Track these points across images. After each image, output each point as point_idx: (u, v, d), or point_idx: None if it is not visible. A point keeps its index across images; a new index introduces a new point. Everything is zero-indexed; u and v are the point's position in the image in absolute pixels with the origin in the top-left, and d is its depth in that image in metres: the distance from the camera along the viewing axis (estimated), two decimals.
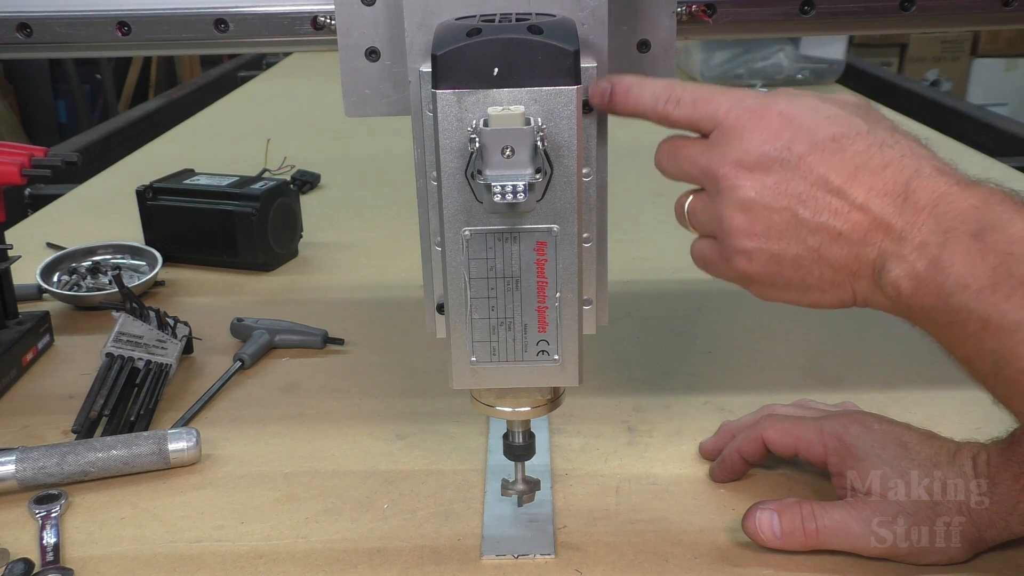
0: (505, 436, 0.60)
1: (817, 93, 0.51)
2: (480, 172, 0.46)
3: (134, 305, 0.82)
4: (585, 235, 0.52)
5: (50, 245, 1.15)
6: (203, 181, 1.13)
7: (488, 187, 0.46)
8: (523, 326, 0.52)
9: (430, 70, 0.47)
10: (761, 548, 0.59)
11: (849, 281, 0.49)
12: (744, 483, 0.66)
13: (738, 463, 0.65)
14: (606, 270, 0.56)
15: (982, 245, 0.45)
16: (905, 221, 0.47)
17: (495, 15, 0.51)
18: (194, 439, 0.70)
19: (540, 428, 0.72)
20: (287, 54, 2.58)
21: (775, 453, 0.64)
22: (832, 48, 2.06)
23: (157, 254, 1.05)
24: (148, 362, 0.79)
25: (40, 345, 0.89)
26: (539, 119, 0.47)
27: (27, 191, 1.44)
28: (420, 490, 0.67)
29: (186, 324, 0.85)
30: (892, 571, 0.57)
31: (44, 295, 1.00)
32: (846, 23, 0.66)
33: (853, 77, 2.14)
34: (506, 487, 0.62)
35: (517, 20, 0.50)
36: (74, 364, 0.87)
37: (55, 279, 1.03)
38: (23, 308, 0.90)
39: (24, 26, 0.65)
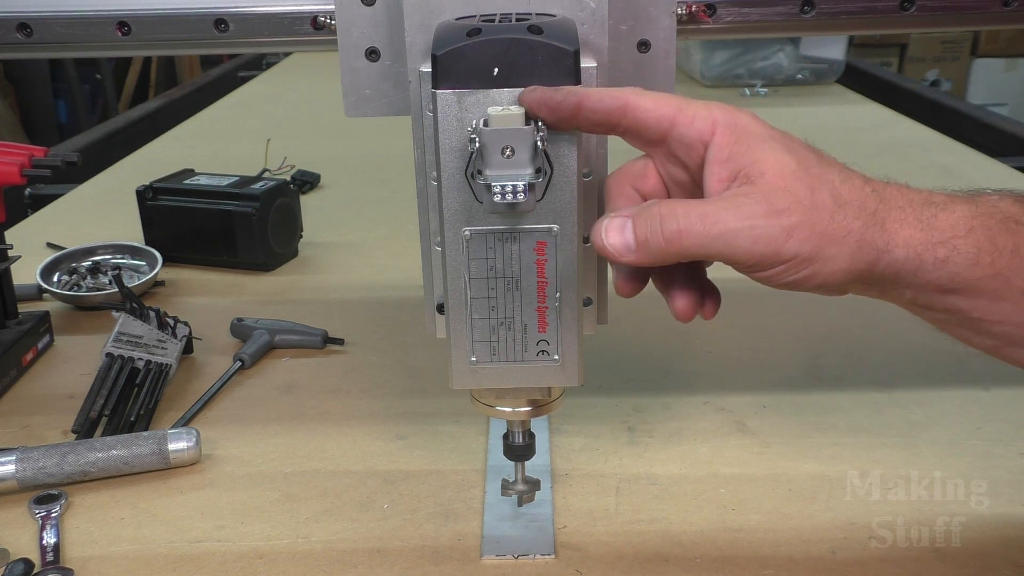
0: (505, 436, 0.60)
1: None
2: (480, 172, 0.46)
3: (134, 305, 0.82)
4: (585, 235, 0.51)
5: (50, 245, 1.15)
6: (203, 181, 1.13)
7: (488, 187, 0.46)
8: (523, 326, 0.52)
9: (430, 70, 0.47)
10: (761, 548, 0.59)
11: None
12: (744, 484, 0.66)
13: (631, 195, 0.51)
14: (606, 270, 0.56)
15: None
16: None
17: (495, 15, 0.51)
18: (194, 439, 0.70)
19: (540, 428, 0.72)
20: (287, 54, 2.58)
21: (643, 132, 0.48)
22: (832, 48, 2.06)
23: (157, 254, 1.05)
24: (148, 362, 0.79)
25: (40, 345, 0.89)
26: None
27: (27, 191, 1.44)
28: (420, 490, 0.67)
29: (186, 324, 0.85)
30: (893, 571, 0.57)
31: (44, 295, 1.00)
32: (846, 23, 0.66)
33: (853, 77, 2.14)
34: (506, 487, 0.62)
35: (517, 20, 0.50)
36: (74, 364, 0.87)
37: (55, 279, 1.03)
38: (23, 308, 0.90)
39: (24, 26, 0.65)
